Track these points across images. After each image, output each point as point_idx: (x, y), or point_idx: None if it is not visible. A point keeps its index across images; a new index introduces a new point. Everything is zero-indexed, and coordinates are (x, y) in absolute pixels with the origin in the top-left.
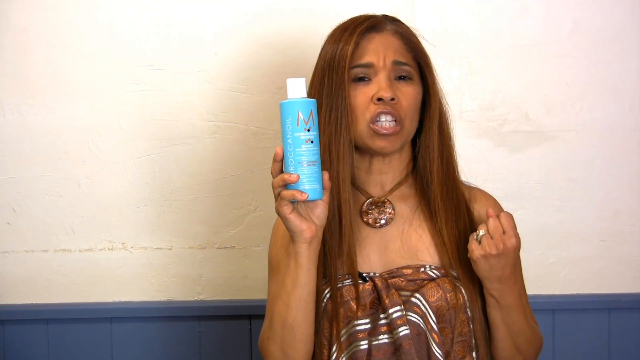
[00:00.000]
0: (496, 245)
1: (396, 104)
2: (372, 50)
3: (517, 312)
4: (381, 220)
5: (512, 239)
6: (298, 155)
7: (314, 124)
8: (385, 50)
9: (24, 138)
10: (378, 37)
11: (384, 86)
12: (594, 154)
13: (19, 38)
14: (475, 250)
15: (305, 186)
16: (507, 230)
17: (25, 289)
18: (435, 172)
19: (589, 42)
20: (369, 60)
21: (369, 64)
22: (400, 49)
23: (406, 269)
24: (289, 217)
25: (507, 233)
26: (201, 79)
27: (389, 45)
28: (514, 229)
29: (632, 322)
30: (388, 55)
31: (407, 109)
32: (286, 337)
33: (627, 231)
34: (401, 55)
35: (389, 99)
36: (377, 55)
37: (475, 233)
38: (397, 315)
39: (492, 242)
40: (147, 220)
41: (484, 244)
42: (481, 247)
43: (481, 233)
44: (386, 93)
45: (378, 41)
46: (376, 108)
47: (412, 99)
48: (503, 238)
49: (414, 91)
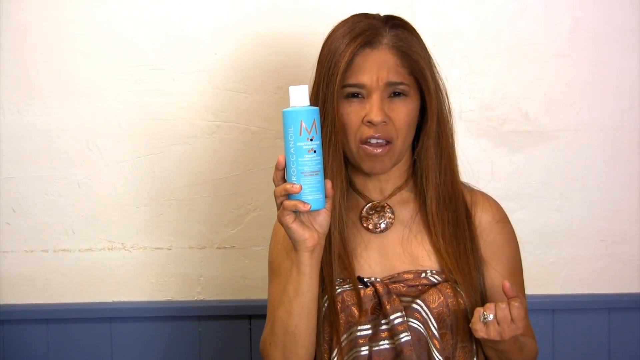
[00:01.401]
0: (501, 334)
1: (387, 126)
2: (365, 70)
3: (512, 353)
4: (381, 225)
5: (518, 330)
6: (300, 165)
7: (317, 133)
8: (378, 70)
9: (24, 138)
10: (372, 54)
11: (375, 110)
12: (594, 154)
13: (19, 38)
14: (480, 331)
15: (308, 196)
16: (516, 321)
17: (25, 289)
18: (430, 184)
19: (589, 42)
20: (361, 80)
21: (361, 85)
22: (395, 66)
23: (407, 274)
24: (292, 227)
25: (515, 324)
26: (201, 79)
27: (383, 64)
28: (523, 320)
29: (632, 322)
30: (381, 76)
31: (400, 127)
32: (288, 343)
33: (627, 231)
34: (395, 74)
35: (380, 122)
36: (370, 76)
37: (483, 313)
38: (398, 321)
39: (498, 330)
40: (146, 220)
41: (490, 329)
42: (486, 331)
43: (490, 317)
44: (377, 117)
45: (372, 60)
46: (367, 131)
47: (405, 116)
48: (510, 327)
49: (407, 108)
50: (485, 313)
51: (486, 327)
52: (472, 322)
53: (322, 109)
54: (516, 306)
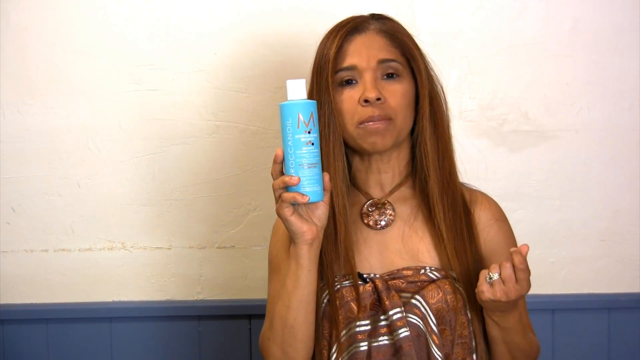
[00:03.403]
0: (507, 294)
1: (384, 104)
2: (355, 52)
3: (516, 332)
4: (381, 222)
5: (524, 290)
6: (299, 157)
7: (314, 126)
8: (368, 50)
9: (24, 138)
10: (360, 37)
11: (369, 87)
12: (593, 154)
13: (19, 38)
14: (486, 292)
15: (306, 188)
16: (521, 281)
17: (25, 289)
18: (430, 165)
19: (589, 42)
20: (352, 62)
21: (352, 67)
22: (385, 46)
23: (406, 270)
24: (290, 219)
25: (520, 284)
26: (201, 79)
27: (372, 44)
28: (528, 280)
29: (632, 322)
30: (372, 54)
31: (397, 107)
32: (287, 337)
33: (627, 231)
34: (387, 52)
35: (375, 99)
36: (360, 57)
37: (488, 274)
38: (397, 317)
39: (504, 289)
40: (146, 219)
41: (496, 290)
42: (492, 292)
43: (495, 277)
44: (371, 93)
45: (361, 42)
46: (364, 111)
47: (401, 96)
48: (516, 287)
49: (402, 89)
50: (490, 273)
51: (492, 287)
52: (478, 285)
53: (318, 101)
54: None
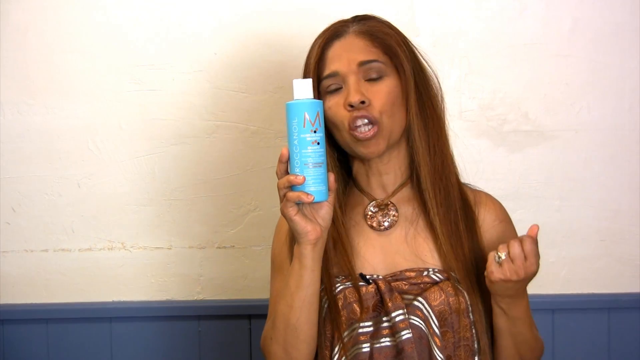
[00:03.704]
0: (517, 272)
1: (369, 106)
2: (334, 58)
3: (523, 323)
4: (384, 223)
5: (533, 267)
6: (304, 156)
7: (320, 125)
8: (348, 54)
9: (24, 138)
10: (339, 42)
11: (352, 91)
12: (593, 154)
13: (19, 38)
14: (496, 272)
15: (311, 188)
16: (529, 257)
17: (25, 289)
18: (421, 160)
19: (589, 42)
20: (333, 69)
21: (334, 73)
22: (365, 47)
23: (409, 271)
24: (294, 219)
25: (529, 260)
26: (201, 79)
27: (351, 47)
28: (536, 255)
29: (632, 322)
30: (351, 58)
31: (382, 107)
32: (289, 337)
33: (627, 231)
34: (367, 53)
35: (359, 102)
36: (340, 62)
37: (496, 254)
38: (400, 318)
39: (513, 268)
40: (146, 220)
41: (505, 269)
42: (501, 271)
43: (503, 256)
44: (354, 98)
45: (340, 47)
46: (350, 114)
47: (385, 96)
48: (525, 265)
49: (386, 88)
50: (498, 253)
51: (501, 267)
52: (487, 266)
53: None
54: (528, 241)
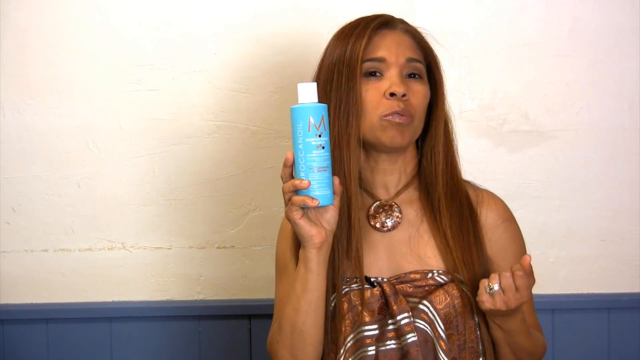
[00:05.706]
0: (507, 303)
1: (407, 101)
2: (385, 46)
3: (519, 334)
4: (388, 224)
5: (524, 298)
6: (309, 161)
7: (325, 129)
8: (397, 47)
9: (23, 138)
10: (390, 34)
11: (397, 81)
12: (593, 154)
13: (19, 38)
14: (486, 302)
15: (316, 192)
16: (520, 289)
17: (25, 289)
18: (440, 173)
19: (589, 42)
20: (381, 55)
21: (381, 59)
22: (412, 46)
23: (414, 274)
24: (299, 223)
25: (520, 292)
26: (201, 79)
27: (401, 42)
28: (528, 288)
29: (631, 322)
30: (401, 51)
31: (417, 106)
32: (296, 341)
33: (627, 231)
34: (414, 52)
35: (402, 94)
36: (389, 51)
37: (488, 285)
38: (405, 322)
39: (504, 299)
40: (146, 220)
41: (496, 300)
42: (492, 302)
43: (495, 287)
44: (399, 88)
45: (391, 38)
46: (389, 104)
47: (422, 97)
48: (516, 296)
49: (424, 90)
50: (490, 284)
51: (492, 297)
52: (478, 294)
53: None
54: (520, 275)
